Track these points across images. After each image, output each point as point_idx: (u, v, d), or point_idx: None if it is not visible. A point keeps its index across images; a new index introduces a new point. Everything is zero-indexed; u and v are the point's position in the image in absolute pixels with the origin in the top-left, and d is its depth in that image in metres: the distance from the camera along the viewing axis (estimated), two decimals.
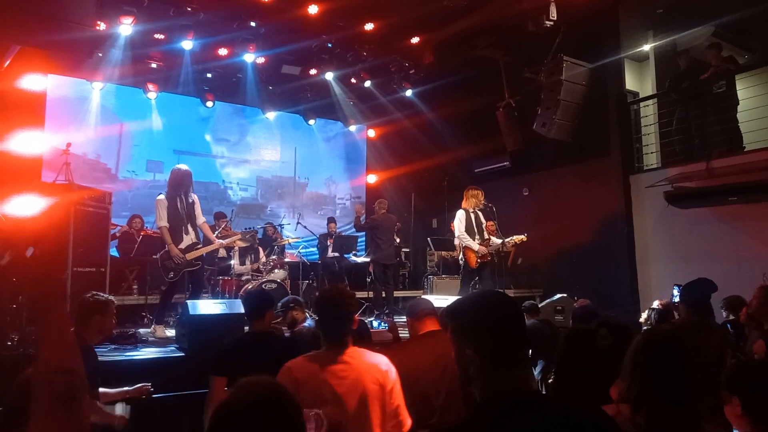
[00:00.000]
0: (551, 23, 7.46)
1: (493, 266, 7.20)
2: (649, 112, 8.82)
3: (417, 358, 3.03)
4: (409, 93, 10.87)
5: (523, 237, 7.19)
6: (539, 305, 6.94)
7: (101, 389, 3.20)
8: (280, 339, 3.34)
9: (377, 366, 2.45)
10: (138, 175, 10.28)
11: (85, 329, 3.08)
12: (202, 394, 3.23)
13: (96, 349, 3.32)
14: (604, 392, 1.94)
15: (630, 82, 9.31)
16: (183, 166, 6.28)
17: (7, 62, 7.28)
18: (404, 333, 4.47)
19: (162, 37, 8.61)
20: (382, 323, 4.92)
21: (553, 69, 8.23)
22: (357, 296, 9.09)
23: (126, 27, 7.81)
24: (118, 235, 8.38)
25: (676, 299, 5.17)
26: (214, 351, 3.18)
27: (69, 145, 7.57)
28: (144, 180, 10.31)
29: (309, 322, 4.50)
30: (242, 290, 7.31)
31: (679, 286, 5.24)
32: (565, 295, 7.47)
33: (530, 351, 5.57)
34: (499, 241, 7.14)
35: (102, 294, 3.27)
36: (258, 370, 2.72)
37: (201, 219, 6.29)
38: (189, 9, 7.87)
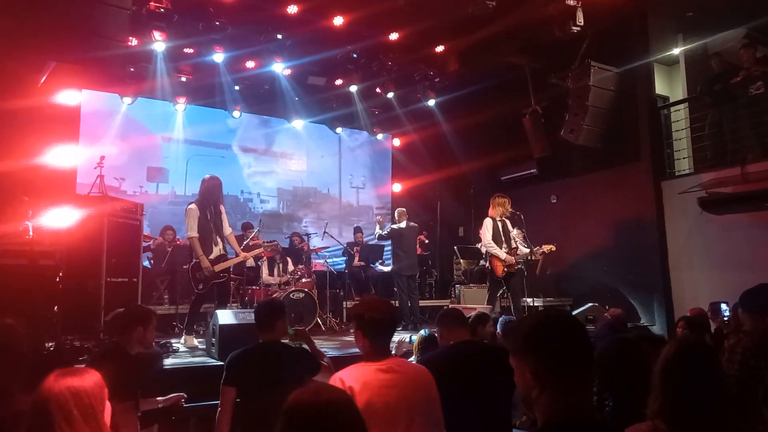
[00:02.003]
0: (578, 29, 7.38)
1: (521, 275, 7.10)
2: (680, 116, 8.64)
3: (450, 367, 3.00)
4: (433, 102, 10.87)
5: (552, 247, 7.08)
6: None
7: None
8: (289, 350, 3.32)
9: (423, 374, 2.52)
10: (170, 188, 10.46)
11: (127, 339, 3.13)
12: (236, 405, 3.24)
13: None
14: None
15: (660, 87, 9.14)
16: (214, 176, 6.27)
17: (44, 78, 7.51)
18: None
19: (191, 51, 8.81)
20: (412, 336, 4.86)
21: (580, 74, 8.15)
22: None
23: (157, 42, 7.98)
24: (152, 247, 8.53)
25: (727, 313, 4.99)
26: (226, 361, 3.21)
27: (102, 158, 7.75)
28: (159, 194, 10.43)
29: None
30: (267, 298, 7.36)
31: (726, 303, 5.06)
32: (596, 304, 7.34)
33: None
34: (527, 249, 7.05)
35: (145, 306, 3.32)
36: (267, 381, 2.71)
37: (228, 230, 6.26)
38: (217, 23, 8.03)
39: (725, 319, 5.01)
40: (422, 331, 4.30)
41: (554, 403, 1.38)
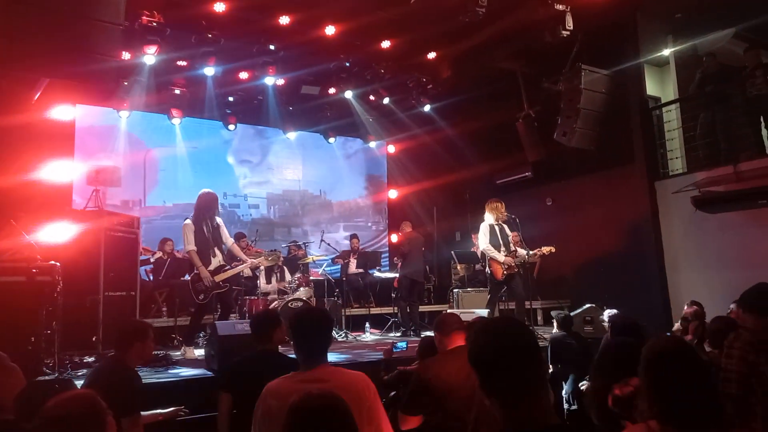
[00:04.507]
0: (568, 33, 7.45)
1: (520, 277, 7.14)
2: (672, 117, 8.71)
3: (447, 374, 3.01)
4: (427, 108, 10.92)
5: (551, 248, 7.12)
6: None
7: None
8: (284, 358, 3.36)
9: (356, 383, 2.44)
10: (167, 201, 10.46)
11: (127, 354, 3.16)
12: (232, 414, 3.26)
13: None
14: None
15: (651, 88, 9.21)
16: (209, 191, 6.36)
17: (38, 95, 7.53)
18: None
19: (184, 63, 8.84)
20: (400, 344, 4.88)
21: (571, 78, 8.20)
22: (383, 312, 9.12)
23: (150, 56, 8.02)
24: (152, 261, 8.54)
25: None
26: (222, 369, 3.27)
27: (98, 172, 7.78)
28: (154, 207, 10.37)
29: None
30: (263, 309, 7.36)
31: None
32: (593, 305, 7.36)
33: (558, 366, 5.51)
34: (525, 252, 7.09)
35: (142, 320, 3.34)
36: (262, 388, 2.73)
37: (230, 241, 6.41)
38: (210, 36, 8.07)
39: None
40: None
41: (506, 413, 1.45)
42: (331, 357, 6.01)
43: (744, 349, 3.18)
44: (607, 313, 6.11)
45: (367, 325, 8.61)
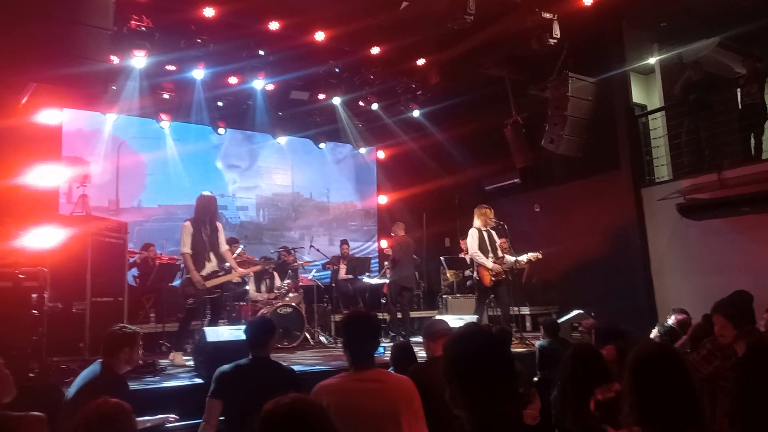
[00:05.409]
0: (555, 41, 7.54)
1: (507, 284, 7.19)
2: (657, 124, 8.83)
3: (434, 380, 3.03)
4: (416, 114, 10.98)
5: (538, 254, 7.17)
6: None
7: None
8: (280, 368, 3.35)
9: (407, 386, 2.55)
10: (146, 204, 10.37)
11: (114, 361, 3.14)
12: (221, 422, 3.24)
13: None
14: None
15: (637, 95, 9.34)
16: (209, 193, 6.35)
17: (25, 99, 7.47)
18: None
19: (173, 68, 8.83)
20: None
21: (558, 85, 8.29)
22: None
23: (138, 60, 8.00)
24: (138, 262, 8.47)
25: None
26: (215, 375, 3.22)
27: (85, 177, 7.72)
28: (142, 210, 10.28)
29: None
30: (258, 315, 7.33)
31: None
32: (581, 311, 7.42)
33: (546, 372, 5.54)
34: (513, 258, 7.13)
35: (129, 326, 3.31)
36: (255, 397, 2.75)
37: (224, 246, 6.35)
38: (199, 40, 8.07)
39: None
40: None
41: (473, 421, 1.49)
42: (320, 366, 6.01)
43: (714, 354, 3.23)
44: (584, 325, 6.19)
45: None
